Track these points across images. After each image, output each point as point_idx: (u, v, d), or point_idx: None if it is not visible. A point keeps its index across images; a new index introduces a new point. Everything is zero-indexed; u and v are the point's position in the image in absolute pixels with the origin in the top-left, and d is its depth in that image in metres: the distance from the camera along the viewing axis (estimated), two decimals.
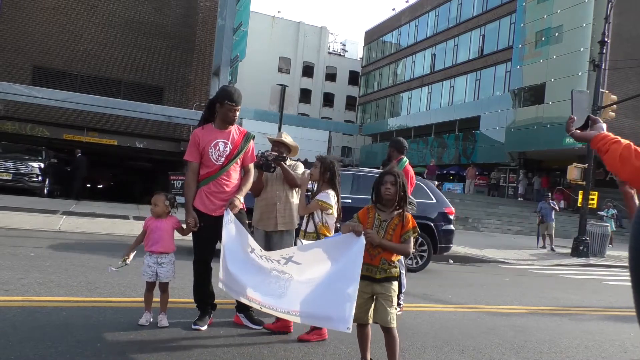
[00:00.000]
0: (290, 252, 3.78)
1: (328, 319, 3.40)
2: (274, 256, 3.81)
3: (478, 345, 4.62)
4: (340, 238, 3.47)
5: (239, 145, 4.26)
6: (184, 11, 22.28)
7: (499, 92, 31.53)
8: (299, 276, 3.63)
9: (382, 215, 3.45)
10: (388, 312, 3.35)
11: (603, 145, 1.97)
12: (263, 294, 3.70)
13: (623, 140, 1.93)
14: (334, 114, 51.92)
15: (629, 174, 1.82)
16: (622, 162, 1.83)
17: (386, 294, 3.37)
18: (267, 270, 3.78)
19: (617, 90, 19.86)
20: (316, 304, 3.46)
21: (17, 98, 16.23)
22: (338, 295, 3.31)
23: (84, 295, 5.00)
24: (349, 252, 3.36)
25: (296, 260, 3.65)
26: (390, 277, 3.41)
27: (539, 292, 8.34)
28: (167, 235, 4.26)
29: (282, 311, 3.62)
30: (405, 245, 3.39)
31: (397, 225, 3.40)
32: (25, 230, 8.90)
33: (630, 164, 1.81)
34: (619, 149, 1.88)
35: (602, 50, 15.80)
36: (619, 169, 1.86)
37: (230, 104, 4.15)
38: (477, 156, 31.44)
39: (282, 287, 3.65)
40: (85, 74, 20.81)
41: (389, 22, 45.89)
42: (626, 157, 1.82)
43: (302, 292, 3.55)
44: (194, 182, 4.22)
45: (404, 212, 3.43)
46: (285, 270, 3.69)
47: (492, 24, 32.76)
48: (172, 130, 21.34)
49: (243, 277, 3.84)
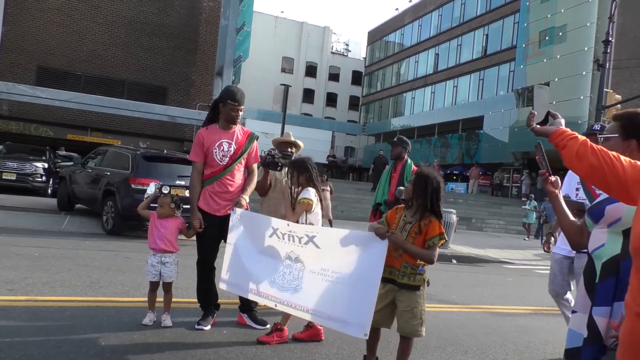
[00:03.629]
0: (315, 231, 3.72)
1: (344, 323, 3.35)
2: (299, 232, 3.71)
3: (481, 345, 4.61)
4: (364, 234, 3.42)
5: (242, 145, 4.28)
6: (187, 11, 22.33)
7: (502, 92, 31.45)
8: (314, 265, 3.58)
9: (407, 217, 3.32)
10: (410, 324, 3.23)
11: (561, 140, 1.99)
12: (280, 288, 3.67)
13: (580, 136, 1.96)
14: (337, 114, 51.88)
15: (585, 170, 1.85)
16: (579, 158, 1.86)
17: (407, 303, 3.23)
18: (280, 259, 3.75)
19: (621, 89, 19.79)
20: (334, 306, 3.42)
21: (22, 98, 16.29)
22: (357, 299, 3.26)
23: (88, 295, 5.01)
24: (370, 254, 3.29)
25: (317, 242, 3.60)
26: (411, 284, 3.24)
27: (542, 292, 8.30)
28: (171, 235, 4.27)
29: (297, 308, 3.59)
30: (429, 252, 3.21)
31: (422, 229, 3.23)
32: (29, 230, 8.93)
33: (586, 160, 1.83)
34: (576, 145, 1.91)
35: (606, 49, 15.75)
36: (575, 164, 1.89)
37: (233, 103, 4.16)
38: (480, 156, 31.36)
39: (297, 279, 3.62)
40: (89, 74, 20.88)
41: (392, 22, 45.84)
42: (582, 153, 1.85)
43: (318, 289, 3.51)
44: (198, 182, 4.24)
45: (432, 217, 3.26)
46: (300, 255, 3.64)
47: (496, 24, 32.67)
48: (176, 130, 21.40)
49: (258, 271, 3.83)
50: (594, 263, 2.19)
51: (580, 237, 2.37)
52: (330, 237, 3.70)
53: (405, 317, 3.24)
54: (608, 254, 2.11)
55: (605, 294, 2.04)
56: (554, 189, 2.33)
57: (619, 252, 2.06)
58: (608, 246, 2.12)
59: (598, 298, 2.08)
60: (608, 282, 2.06)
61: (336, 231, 3.82)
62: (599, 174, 1.79)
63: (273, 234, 3.85)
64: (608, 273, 2.07)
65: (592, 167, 1.81)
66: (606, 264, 2.10)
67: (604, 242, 2.14)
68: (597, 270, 2.15)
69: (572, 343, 2.24)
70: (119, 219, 9.49)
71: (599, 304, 2.07)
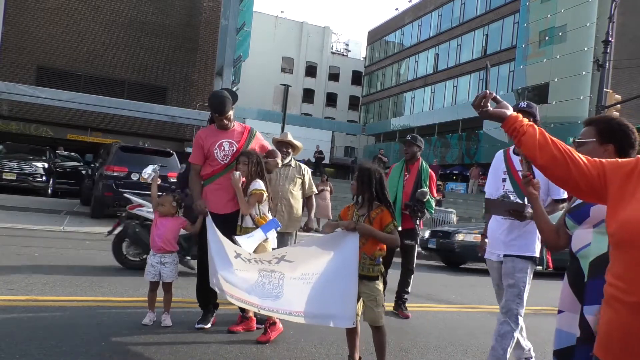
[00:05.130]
0: (283, 251, 3.76)
1: (332, 317, 3.42)
2: (266, 257, 3.78)
3: (481, 345, 4.61)
4: (332, 235, 3.49)
5: (244, 143, 4.31)
6: (187, 11, 22.33)
7: (502, 92, 31.42)
8: (292, 272, 3.62)
9: (359, 211, 3.47)
10: (375, 311, 3.39)
11: (520, 126, 1.81)
12: (260, 296, 3.67)
13: (535, 125, 1.82)
14: (337, 114, 51.88)
15: (546, 161, 1.72)
16: (540, 147, 1.73)
17: (370, 293, 3.39)
18: (255, 271, 3.76)
19: (621, 89, 19.78)
20: (318, 304, 3.47)
21: (22, 98, 16.28)
22: (339, 292, 3.35)
23: (88, 295, 5.01)
24: (344, 249, 3.38)
25: (288, 259, 3.65)
26: (371, 275, 3.39)
27: (543, 292, 8.31)
28: (171, 235, 4.27)
29: (283, 312, 3.60)
30: (393, 236, 3.41)
31: (374, 219, 3.38)
32: (29, 230, 8.93)
33: (548, 150, 1.72)
34: (536, 133, 1.77)
35: (606, 49, 15.74)
36: (536, 154, 1.75)
37: (216, 115, 4.23)
38: (480, 156, 31.35)
39: (277, 287, 3.64)
40: (89, 75, 20.88)
41: (392, 21, 45.83)
42: (543, 143, 1.74)
43: (300, 291, 3.54)
44: (197, 181, 4.30)
45: (381, 208, 3.42)
46: (275, 269, 3.68)
47: (496, 24, 32.68)
48: (176, 131, 21.40)
49: (235, 281, 3.81)
50: (580, 262, 2.20)
51: (557, 240, 2.38)
52: (300, 250, 3.75)
53: (370, 306, 3.39)
54: (595, 252, 2.11)
55: (595, 293, 2.01)
56: (535, 191, 2.31)
57: (606, 250, 2.02)
58: (594, 245, 2.13)
59: (589, 297, 2.06)
60: (598, 280, 2.02)
61: (304, 242, 3.86)
62: (562, 165, 1.69)
63: (237, 257, 3.83)
64: (597, 271, 2.04)
65: (554, 158, 1.70)
66: (594, 262, 2.10)
67: (590, 241, 2.15)
68: (585, 269, 2.15)
69: (563, 343, 2.22)
70: (96, 203, 11.26)
71: (589, 303, 2.05)
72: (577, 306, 2.15)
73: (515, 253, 3.39)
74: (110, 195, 10.67)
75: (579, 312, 2.11)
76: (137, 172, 10.55)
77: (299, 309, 3.52)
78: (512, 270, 3.39)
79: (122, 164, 10.89)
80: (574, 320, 2.15)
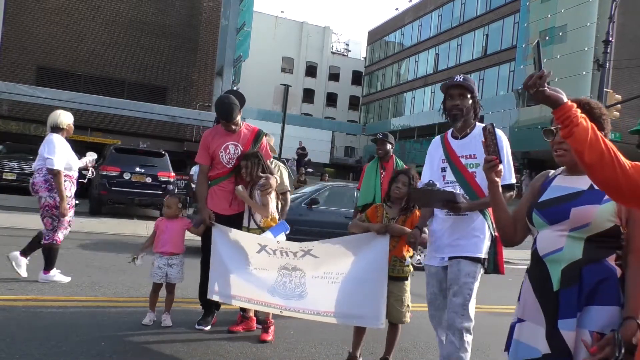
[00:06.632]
0: (310, 245, 3.74)
1: (361, 317, 3.51)
2: (293, 247, 3.75)
3: (481, 345, 4.61)
4: (363, 235, 3.55)
5: (249, 146, 4.29)
6: (187, 11, 22.31)
7: (502, 92, 31.46)
8: (314, 270, 3.63)
9: (389, 213, 3.55)
10: (400, 311, 3.53)
11: (575, 116, 1.61)
12: (283, 297, 3.65)
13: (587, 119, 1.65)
14: (337, 114, 51.88)
15: (594, 159, 1.57)
16: (591, 143, 1.58)
17: (397, 293, 3.51)
18: (275, 270, 3.74)
19: (621, 89, 19.78)
20: (349, 304, 3.52)
21: (22, 98, 16.29)
22: (370, 293, 3.44)
23: (88, 295, 5.01)
24: (373, 250, 3.44)
25: (314, 254, 3.66)
26: (401, 276, 3.55)
27: None
28: (178, 236, 4.28)
29: (310, 313, 3.59)
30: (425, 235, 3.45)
31: (405, 223, 3.50)
32: (29, 230, 8.90)
33: (598, 147, 1.57)
34: (589, 128, 1.60)
35: (606, 49, 15.74)
36: (584, 150, 1.58)
37: (222, 121, 4.25)
38: None
39: (299, 286, 3.65)
40: (89, 74, 20.86)
41: (392, 21, 45.84)
42: (594, 139, 1.58)
43: (326, 291, 3.56)
44: (204, 183, 4.30)
45: (411, 211, 3.54)
46: (297, 265, 3.66)
47: (496, 24, 32.69)
48: (176, 131, 21.37)
49: (254, 282, 3.78)
50: (547, 268, 1.94)
51: (514, 235, 2.18)
52: (329, 246, 3.74)
53: (396, 306, 3.51)
54: (567, 259, 1.89)
55: (570, 304, 1.84)
56: (498, 178, 2.09)
57: (581, 257, 1.87)
58: (567, 251, 1.90)
59: (563, 309, 1.85)
60: (572, 290, 1.85)
61: (330, 240, 3.84)
62: (609, 165, 1.56)
63: (261, 250, 3.81)
64: (571, 280, 1.86)
65: (603, 157, 1.56)
66: (567, 270, 1.88)
67: (562, 246, 1.91)
68: (554, 276, 1.91)
69: (521, 356, 1.96)
70: (93, 201, 11.99)
71: (565, 316, 1.84)
72: (541, 317, 1.92)
73: (461, 254, 2.93)
74: (105, 194, 11.84)
75: (543, 325, 1.90)
76: (129, 172, 11.99)
77: (327, 308, 3.55)
78: (457, 274, 2.92)
79: (115, 165, 12.00)
80: (538, 333, 1.91)
